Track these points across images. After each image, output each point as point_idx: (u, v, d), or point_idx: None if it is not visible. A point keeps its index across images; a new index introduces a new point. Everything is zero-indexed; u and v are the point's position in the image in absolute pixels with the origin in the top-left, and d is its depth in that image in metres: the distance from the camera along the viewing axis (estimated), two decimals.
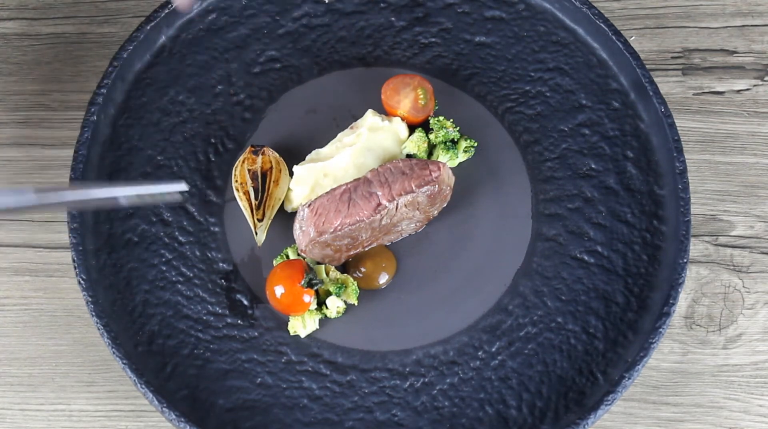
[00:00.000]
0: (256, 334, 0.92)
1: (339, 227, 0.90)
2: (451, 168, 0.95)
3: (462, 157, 0.97)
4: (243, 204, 0.94)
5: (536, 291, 0.94)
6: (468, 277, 0.94)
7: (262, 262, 0.95)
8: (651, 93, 0.96)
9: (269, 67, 1.00)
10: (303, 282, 0.90)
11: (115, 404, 0.94)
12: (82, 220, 0.92)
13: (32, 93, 1.02)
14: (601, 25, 0.98)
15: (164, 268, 0.94)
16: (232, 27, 1.00)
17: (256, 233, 0.93)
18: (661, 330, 0.90)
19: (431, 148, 0.97)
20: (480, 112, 0.99)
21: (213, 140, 0.97)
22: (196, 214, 0.95)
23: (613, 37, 0.97)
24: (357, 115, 0.98)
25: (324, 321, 0.93)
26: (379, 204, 0.90)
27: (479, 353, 0.92)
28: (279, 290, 0.90)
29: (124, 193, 0.82)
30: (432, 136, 0.96)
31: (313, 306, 0.92)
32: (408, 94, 0.96)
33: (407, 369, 0.92)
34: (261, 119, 0.98)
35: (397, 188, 0.91)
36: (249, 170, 0.94)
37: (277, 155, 0.96)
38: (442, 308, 0.94)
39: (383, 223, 0.92)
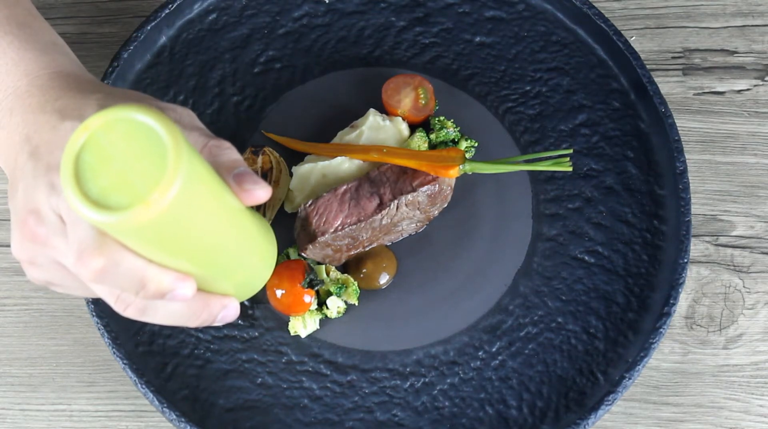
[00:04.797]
0: (256, 334, 0.92)
1: (339, 227, 0.90)
2: None
3: None
4: None
5: (536, 291, 0.94)
6: (468, 277, 0.94)
7: None
8: (651, 93, 0.96)
9: (269, 67, 1.00)
10: (303, 282, 0.90)
11: (115, 404, 0.94)
12: None
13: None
14: (601, 25, 0.98)
15: None
16: (232, 27, 1.00)
17: None
18: (661, 330, 0.90)
19: (432, 148, 0.97)
20: (480, 112, 0.99)
21: None
22: None
23: (614, 37, 0.97)
24: (357, 115, 0.98)
25: (324, 321, 0.93)
26: (380, 204, 0.90)
27: (479, 353, 0.92)
28: (279, 290, 0.90)
29: None
30: (432, 136, 0.96)
31: (314, 306, 0.92)
32: (408, 94, 0.96)
33: (407, 369, 0.92)
34: (261, 119, 0.98)
35: (397, 188, 0.91)
36: None
37: (278, 155, 0.96)
38: (442, 308, 0.94)
39: (384, 222, 0.92)
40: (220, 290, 0.72)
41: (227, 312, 0.72)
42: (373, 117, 0.95)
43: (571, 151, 0.90)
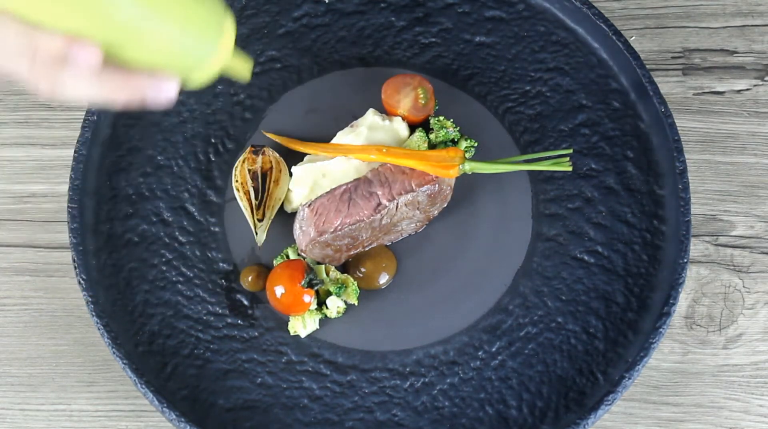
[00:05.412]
0: (256, 334, 0.92)
1: (339, 227, 0.90)
2: None
3: None
4: (243, 204, 0.94)
5: (536, 291, 0.94)
6: (468, 277, 0.94)
7: (262, 262, 0.95)
8: (651, 93, 0.96)
9: (269, 67, 1.00)
10: (303, 282, 0.90)
11: (115, 404, 0.94)
12: (83, 220, 0.92)
13: (32, 93, 1.02)
14: (601, 25, 0.98)
15: (164, 268, 0.94)
16: None
17: (257, 233, 0.93)
18: (661, 330, 0.90)
19: (431, 148, 0.97)
20: (480, 112, 0.99)
21: (213, 140, 0.97)
22: (196, 214, 0.95)
23: (613, 37, 0.97)
24: (357, 115, 0.98)
25: (324, 321, 0.93)
26: (380, 203, 0.90)
27: (479, 353, 0.92)
28: (279, 290, 0.90)
29: None
30: (432, 136, 0.96)
31: (314, 306, 0.92)
32: (408, 94, 0.96)
33: (407, 369, 0.92)
34: (261, 119, 0.98)
35: (397, 188, 0.91)
36: (249, 170, 0.94)
37: (278, 155, 0.96)
38: (442, 308, 0.94)
39: (383, 222, 0.92)
40: (147, 64, 0.64)
41: (158, 90, 0.65)
42: (372, 117, 0.95)
43: (571, 151, 0.90)
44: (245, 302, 0.93)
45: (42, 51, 0.62)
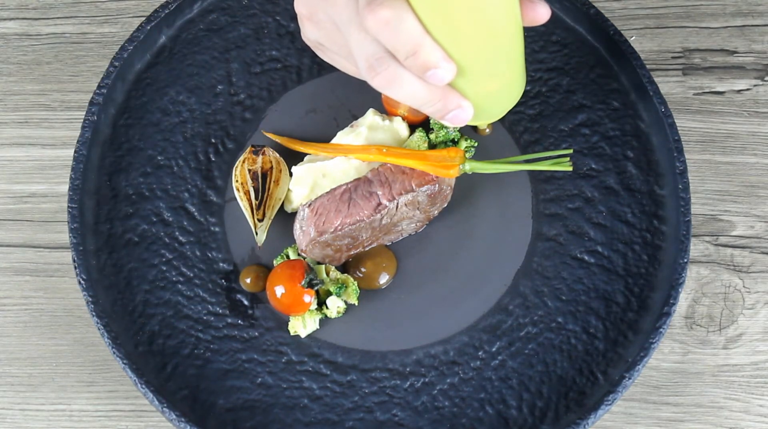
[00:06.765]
0: (256, 334, 0.92)
1: (339, 227, 0.90)
2: None
3: None
4: (243, 204, 0.94)
5: (536, 291, 0.94)
6: (468, 277, 0.94)
7: (262, 262, 0.95)
8: (651, 93, 0.96)
9: (269, 67, 1.00)
10: (303, 282, 0.90)
11: (115, 404, 0.94)
12: (83, 220, 0.92)
13: (32, 93, 1.02)
14: (602, 25, 0.98)
15: (164, 268, 0.94)
16: (232, 27, 1.00)
17: (257, 233, 0.93)
18: (661, 330, 0.90)
19: (431, 148, 0.97)
20: None
21: (213, 140, 0.97)
22: (196, 214, 0.95)
23: (614, 37, 0.97)
24: (357, 115, 0.98)
25: (324, 321, 0.93)
26: (380, 203, 0.90)
27: (479, 353, 0.92)
28: (279, 290, 0.90)
29: None
30: (432, 136, 0.96)
31: (314, 306, 0.92)
32: None
33: (407, 369, 0.92)
34: (261, 119, 0.98)
35: (397, 188, 0.91)
36: (249, 170, 0.94)
37: (278, 155, 0.96)
38: (442, 308, 0.94)
39: (383, 222, 0.92)
40: (463, 91, 0.74)
41: (459, 112, 0.75)
42: (372, 117, 0.95)
43: (571, 151, 0.90)
44: (245, 302, 0.93)
45: (421, 54, 0.69)
